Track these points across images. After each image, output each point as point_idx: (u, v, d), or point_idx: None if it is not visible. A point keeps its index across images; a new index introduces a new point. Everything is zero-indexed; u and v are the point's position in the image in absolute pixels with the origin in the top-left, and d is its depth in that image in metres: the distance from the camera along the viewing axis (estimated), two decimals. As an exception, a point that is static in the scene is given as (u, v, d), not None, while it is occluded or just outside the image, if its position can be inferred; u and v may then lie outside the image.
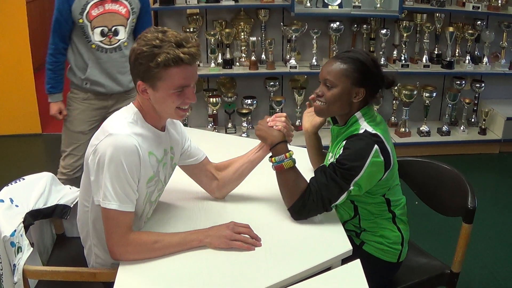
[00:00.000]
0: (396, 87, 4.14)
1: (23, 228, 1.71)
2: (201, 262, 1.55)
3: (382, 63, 4.18)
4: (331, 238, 1.71)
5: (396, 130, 4.29)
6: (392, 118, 4.42)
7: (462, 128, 4.36)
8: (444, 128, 4.33)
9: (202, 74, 4.03)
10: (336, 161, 1.74)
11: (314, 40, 4.07)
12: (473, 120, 4.51)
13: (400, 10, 4.01)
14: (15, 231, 1.67)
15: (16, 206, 1.80)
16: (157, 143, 1.65)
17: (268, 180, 1.94)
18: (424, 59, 4.23)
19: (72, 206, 1.99)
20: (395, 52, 4.31)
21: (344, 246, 1.66)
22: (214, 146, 2.01)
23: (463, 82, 4.29)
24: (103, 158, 1.50)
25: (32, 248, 1.70)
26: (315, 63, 4.07)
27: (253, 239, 1.63)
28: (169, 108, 1.58)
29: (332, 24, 4.06)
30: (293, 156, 1.78)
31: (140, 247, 1.55)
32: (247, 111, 4.08)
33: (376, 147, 1.72)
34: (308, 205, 1.74)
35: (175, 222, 1.76)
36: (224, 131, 4.18)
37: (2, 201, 1.77)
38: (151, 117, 1.63)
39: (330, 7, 4.06)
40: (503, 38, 4.29)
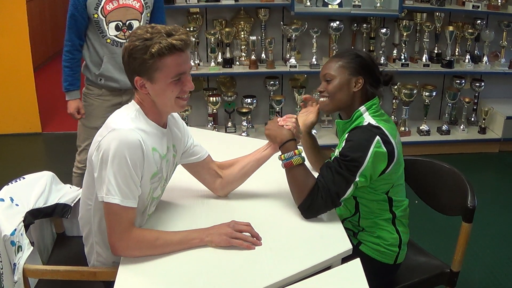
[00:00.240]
0: (396, 86, 4.15)
1: (23, 227, 1.72)
2: (201, 261, 1.55)
3: (382, 62, 4.17)
4: (331, 237, 1.71)
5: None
6: (392, 117, 4.41)
7: (462, 127, 4.36)
8: (444, 127, 4.33)
9: (202, 73, 4.03)
10: (339, 154, 1.77)
11: (314, 39, 4.06)
12: (472, 119, 4.51)
13: (400, 9, 4.01)
14: (15, 230, 1.67)
15: (16, 205, 1.80)
16: (160, 140, 1.65)
17: (269, 179, 1.95)
18: (424, 58, 4.23)
19: (72, 205, 1.99)
20: (395, 51, 4.31)
21: (344, 245, 1.66)
22: (214, 145, 2.01)
23: (463, 81, 4.29)
24: (107, 153, 1.51)
25: (32, 247, 1.70)
26: (315, 62, 4.06)
27: (253, 237, 1.63)
28: (168, 99, 1.59)
29: (332, 23, 4.05)
30: (302, 154, 1.80)
31: (141, 244, 1.55)
32: (247, 110, 4.08)
33: (378, 138, 1.75)
34: (317, 202, 1.74)
35: (176, 220, 1.76)
36: (224, 130, 4.18)
37: (2, 200, 1.77)
38: (153, 113, 1.63)
39: (330, 6, 4.06)
40: (503, 37, 4.29)
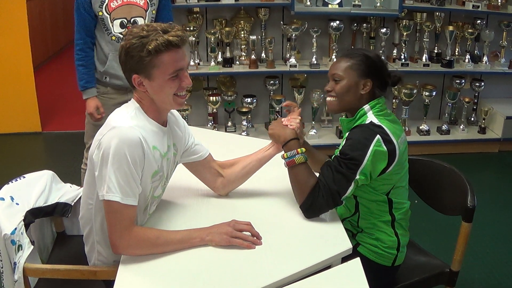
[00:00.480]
0: (396, 86, 4.14)
1: (23, 226, 1.72)
2: (201, 260, 1.55)
3: (382, 62, 4.18)
4: (331, 236, 1.71)
5: (396, 129, 4.29)
6: (392, 117, 4.42)
7: (461, 127, 4.36)
8: (444, 127, 4.33)
9: (202, 73, 4.03)
10: (339, 152, 1.77)
11: (314, 39, 4.06)
12: (472, 119, 4.51)
13: (400, 9, 4.01)
14: (16, 229, 1.68)
15: (17, 204, 1.80)
16: (160, 138, 1.65)
17: (270, 178, 1.95)
18: (424, 58, 4.23)
19: (72, 204, 1.99)
20: (395, 51, 4.31)
21: (344, 245, 1.66)
22: (214, 145, 2.01)
23: (463, 81, 4.29)
24: (107, 151, 1.51)
25: (32, 246, 1.71)
26: (315, 62, 4.06)
27: (254, 237, 1.63)
28: (167, 96, 1.59)
29: (332, 23, 4.05)
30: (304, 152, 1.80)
31: (142, 242, 1.55)
32: (247, 110, 4.08)
33: (378, 136, 1.74)
34: (318, 201, 1.74)
35: (176, 219, 1.76)
36: (224, 129, 4.18)
37: (3, 199, 1.77)
38: (152, 111, 1.64)
39: (330, 6, 4.06)
40: (502, 37, 4.29)
